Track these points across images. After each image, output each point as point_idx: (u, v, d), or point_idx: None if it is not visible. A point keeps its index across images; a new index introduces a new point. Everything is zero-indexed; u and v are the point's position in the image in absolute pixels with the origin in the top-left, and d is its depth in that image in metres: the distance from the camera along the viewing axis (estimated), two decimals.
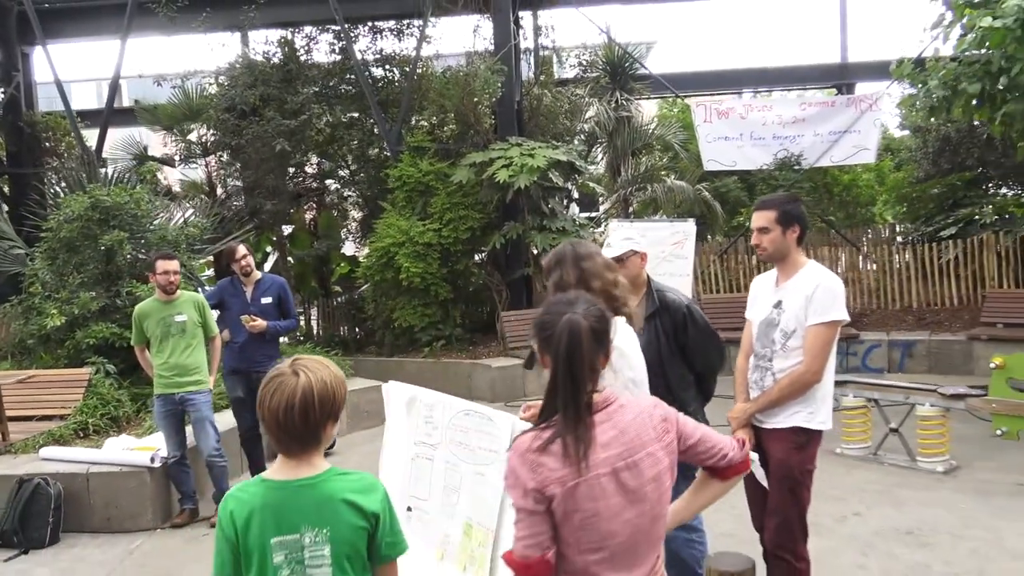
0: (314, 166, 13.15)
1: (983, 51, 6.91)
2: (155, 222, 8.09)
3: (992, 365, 5.72)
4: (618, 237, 3.59)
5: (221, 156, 12.53)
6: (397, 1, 11.38)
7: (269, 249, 13.18)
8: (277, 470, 1.89)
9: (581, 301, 1.87)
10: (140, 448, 5.59)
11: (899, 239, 12.38)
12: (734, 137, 11.42)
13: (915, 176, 13.66)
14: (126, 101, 32.93)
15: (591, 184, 13.78)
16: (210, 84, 12.85)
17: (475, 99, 10.16)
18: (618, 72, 13.16)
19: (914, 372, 9.21)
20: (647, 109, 18.69)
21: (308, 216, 13.80)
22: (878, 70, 14.89)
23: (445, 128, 11.06)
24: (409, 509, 3.77)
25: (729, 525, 4.44)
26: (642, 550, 1.86)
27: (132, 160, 13.19)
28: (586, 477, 1.77)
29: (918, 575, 4.19)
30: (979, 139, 11.60)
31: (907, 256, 10.97)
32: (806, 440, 3.22)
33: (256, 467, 6.00)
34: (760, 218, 3.24)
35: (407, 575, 2.02)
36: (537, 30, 12.35)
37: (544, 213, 10.13)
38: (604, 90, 13.15)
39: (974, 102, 7.55)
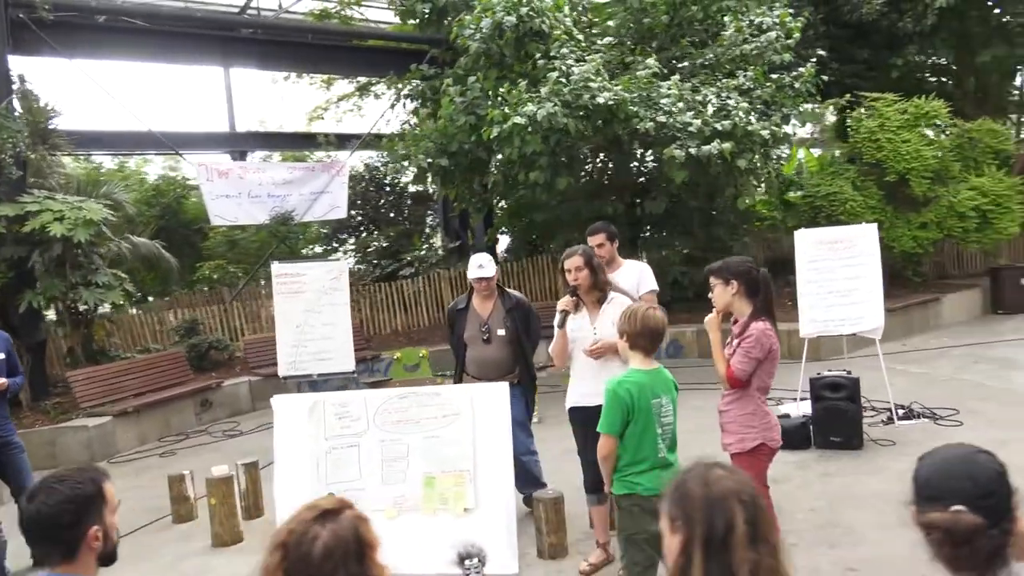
0: None
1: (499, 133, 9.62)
2: None
3: (395, 356, 8.84)
4: (485, 261, 5.23)
5: None
6: None
7: None
8: (640, 364, 3.34)
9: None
10: None
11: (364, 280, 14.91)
12: (235, 195, 12.56)
13: None
14: None
15: None
16: None
17: None
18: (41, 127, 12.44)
19: None
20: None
21: None
22: (264, 140, 18.66)
23: None
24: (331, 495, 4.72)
25: None
26: None
27: None
28: (777, 344, 3.67)
29: None
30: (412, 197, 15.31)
31: (382, 292, 13.64)
32: None
33: None
34: (593, 239, 4.96)
35: None
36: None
37: (90, 268, 9.69)
38: (33, 144, 12.35)
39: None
